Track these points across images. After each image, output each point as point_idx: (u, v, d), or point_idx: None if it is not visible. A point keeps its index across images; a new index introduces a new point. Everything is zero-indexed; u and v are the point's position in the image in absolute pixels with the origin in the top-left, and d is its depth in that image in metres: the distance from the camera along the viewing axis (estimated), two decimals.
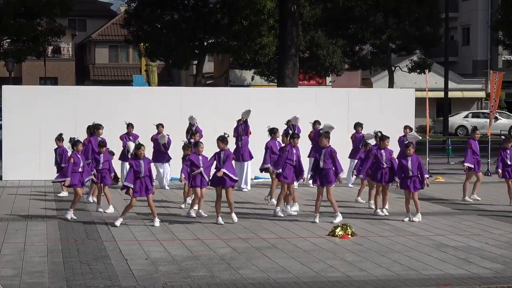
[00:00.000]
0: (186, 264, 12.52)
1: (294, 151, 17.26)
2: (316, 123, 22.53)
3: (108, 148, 18.84)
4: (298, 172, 17.38)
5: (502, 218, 17.68)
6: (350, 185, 23.04)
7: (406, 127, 22.66)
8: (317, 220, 16.65)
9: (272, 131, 20.11)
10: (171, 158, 22.17)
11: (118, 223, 15.90)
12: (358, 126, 22.60)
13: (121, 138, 22.17)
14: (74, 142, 17.38)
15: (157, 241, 14.49)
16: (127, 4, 45.24)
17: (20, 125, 24.48)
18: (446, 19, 44.59)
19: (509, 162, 19.61)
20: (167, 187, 22.38)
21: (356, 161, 20.30)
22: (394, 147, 23.50)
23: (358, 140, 22.09)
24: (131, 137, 21.91)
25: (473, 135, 20.84)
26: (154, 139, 22.11)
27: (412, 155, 17.09)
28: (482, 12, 66.32)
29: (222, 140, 16.47)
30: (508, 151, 19.70)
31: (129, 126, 22.30)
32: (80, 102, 25.03)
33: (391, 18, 51.85)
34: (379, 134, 18.39)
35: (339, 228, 15.24)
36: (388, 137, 18.12)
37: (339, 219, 16.62)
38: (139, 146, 16.07)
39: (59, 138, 20.55)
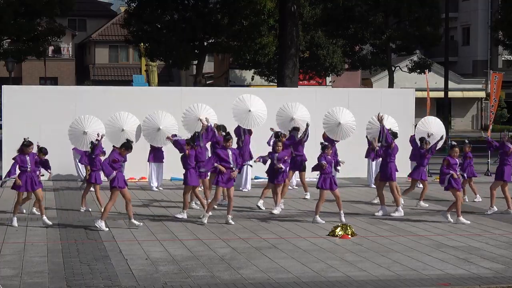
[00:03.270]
0: (186, 264, 12.52)
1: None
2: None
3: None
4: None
5: (502, 218, 17.69)
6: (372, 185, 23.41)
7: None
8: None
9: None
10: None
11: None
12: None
13: None
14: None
15: (157, 241, 14.49)
16: (127, 4, 45.20)
17: (20, 125, 24.46)
18: (446, 19, 44.53)
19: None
20: (155, 188, 22.39)
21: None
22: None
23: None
24: None
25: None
26: None
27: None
28: (482, 12, 66.32)
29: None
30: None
31: None
32: (80, 102, 24.99)
33: (391, 18, 51.85)
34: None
35: (339, 228, 15.26)
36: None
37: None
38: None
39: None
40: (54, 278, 11.47)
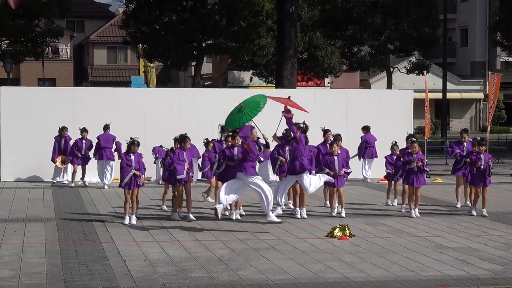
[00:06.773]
0: (184, 265, 12.52)
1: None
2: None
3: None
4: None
5: (500, 219, 17.69)
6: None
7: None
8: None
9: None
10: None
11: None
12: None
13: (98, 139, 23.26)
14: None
15: (155, 242, 14.49)
16: (125, 5, 45.22)
17: (19, 126, 24.47)
18: (445, 20, 44.59)
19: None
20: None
21: None
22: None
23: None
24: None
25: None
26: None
27: (418, 152, 18.20)
28: (480, 13, 66.37)
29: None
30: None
31: (106, 127, 23.12)
32: (78, 103, 25.02)
33: (389, 19, 51.84)
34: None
35: (338, 229, 15.25)
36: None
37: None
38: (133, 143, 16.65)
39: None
40: (53, 279, 11.46)
